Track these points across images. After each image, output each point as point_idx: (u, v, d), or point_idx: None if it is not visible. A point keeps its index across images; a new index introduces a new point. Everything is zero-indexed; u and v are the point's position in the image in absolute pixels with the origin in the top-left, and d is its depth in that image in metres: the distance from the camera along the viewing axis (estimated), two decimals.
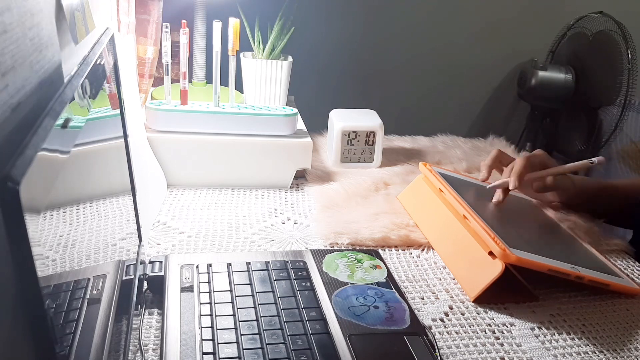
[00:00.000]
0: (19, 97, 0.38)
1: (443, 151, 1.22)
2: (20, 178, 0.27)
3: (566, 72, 1.60)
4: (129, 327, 0.57)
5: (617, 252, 0.90)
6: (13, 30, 0.38)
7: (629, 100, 1.51)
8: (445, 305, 0.72)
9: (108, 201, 0.55)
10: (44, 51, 0.45)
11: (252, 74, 1.07)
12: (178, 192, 0.95)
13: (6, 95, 0.36)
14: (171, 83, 0.96)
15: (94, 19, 0.77)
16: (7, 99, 0.36)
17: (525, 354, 0.65)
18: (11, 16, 0.38)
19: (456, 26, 1.67)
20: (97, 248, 0.48)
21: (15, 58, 0.38)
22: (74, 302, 0.39)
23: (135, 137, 0.87)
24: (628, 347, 0.68)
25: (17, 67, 0.38)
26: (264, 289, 0.68)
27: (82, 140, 0.43)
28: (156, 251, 0.78)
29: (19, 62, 0.39)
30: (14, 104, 0.37)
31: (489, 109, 1.80)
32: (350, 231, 0.85)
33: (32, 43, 0.42)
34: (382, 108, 1.18)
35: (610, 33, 1.52)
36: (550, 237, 0.88)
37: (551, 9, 1.70)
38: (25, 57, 0.40)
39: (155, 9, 1.01)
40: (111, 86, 0.59)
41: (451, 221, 0.83)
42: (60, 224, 0.37)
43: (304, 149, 0.99)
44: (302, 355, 0.59)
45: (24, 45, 0.40)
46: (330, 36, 1.57)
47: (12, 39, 0.38)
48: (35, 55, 0.43)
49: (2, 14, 0.36)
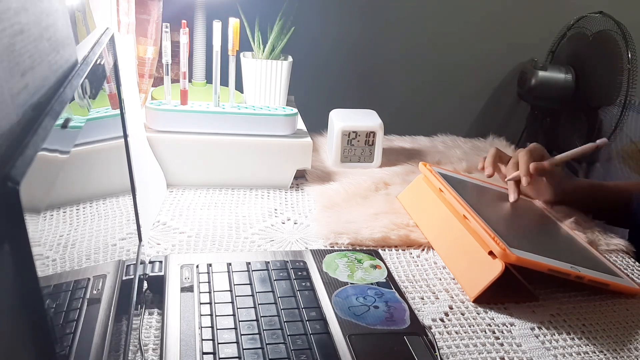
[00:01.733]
0: (38, 96, 0.38)
1: (443, 151, 1.22)
2: (20, 178, 0.27)
3: (566, 72, 1.60)
4: (129, 327, 0.57)
5: (617, 252, 0.90)
6: (30, 30, 0.38)
7: (629, 100, 1.51)
8: (445, 305, 0.72)
9: (108, 201, 0.55)
10: (61, 51, 0.45)
11: (252, 74, 1.07)
12: (178, 192, 0.95)
13: (27, 95, 0.36)
14: (171, 83, 0.96)
15: (95, 19, 0.77)
16: (27, 98, 0.36)
17: (525, 354, 0.65)
18: (27, 16, 0.38)
19: (456, 26, 1.67)
20: (97, 248, 0.48)
21: (33, 58, 0.38)
22: (74, 302, 0.39)
23: (135, 137, 0.87)
24: (628, 347, 0.68)
25: (35, 67, 0.38)
26: (264, 289, 0.68)
27: (82, 140, 0.43)
28: (156, 251, 0.78)
29: (38, 61, 0.39)
30: (34, 104, 0.37)
31: (489, 109, 1.80)
32: (350, 231, 0.85)
33: (50, 43, 0.42)
34: (382, 108, 1.18)
35: (610, 33, 1.52)
36: (550, 237, 0.88)
37: (551, 9, 1.70)
38: (44, 57, 0.40)
39: (155, 9, 1.01)
40: (111, 86, 0.59)
41: (451, 221, 0.83)
42: (60, 224, 0.37)
43: (304, 149, 0.99)
44: (302, 355, 0.59)
45: (42, 45, 0.40)
46: (330, 36, 1.57)
47: (29, 39, 0.38)
48: (54, 55, 0.43)
49: (18, 14, 0.36)
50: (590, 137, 1.59)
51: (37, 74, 0.38)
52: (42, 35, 0.41)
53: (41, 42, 0.40)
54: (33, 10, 0.39)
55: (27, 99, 0.35)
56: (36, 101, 0.37)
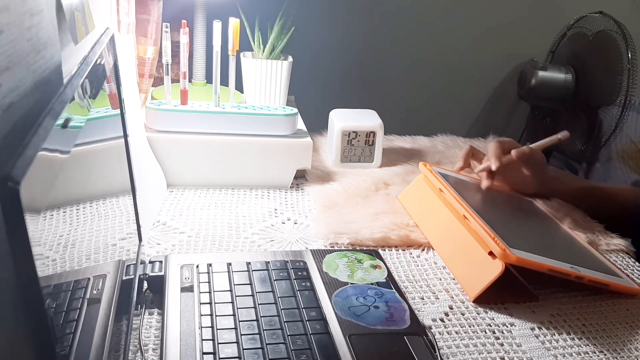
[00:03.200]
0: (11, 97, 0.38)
1: (443, 151, 1.22)
2: (21, 178, 0.27)
3: (566, 72, 1.60)
4: (129, 327, 0.57)
5: (617, 252, 0.90)
6: (9, 30, 0.38)
7: (629, 100, 1.50)
8: (445, 305, 0.72)
9: (108, 201, 0.55)
10: (42, 51, 0.45)
11: (252, 74, 1.07)
12: (178, 192, 0.95)
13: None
14: (171, 83, 0.96)
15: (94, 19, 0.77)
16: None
17: (525, 354, 0.65)
18: (8, 16, 0.38)
19: (456, 26, 1.66)
20: (97, 248, 0.48)
21: (10, 58, 0.38)
22: (74, 302, 0.39)
23: (135, 137, 0.87)
24: (628, 347, 0.68)
25: (11, 67, 0.38)
26: (264, 289, 0.68)
27: (82, 140, 0.43)
28: (156, 251, 0.78)
29: (14, 62, 0.39)
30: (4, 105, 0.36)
31: (489, 109, 1.80)
32: (350, 231, 0.85)
33: (30, 43, 0.42)
34: (382, 108, 1.18)
35: (610, 33, 1.52)
36: (550, 237, 0.88)
37: (551, 9, 1.70)
38: (22, 58, 0.40)
39: (155, 9, 1.01)
40: (111, 86, 0.59)
41: (451, 221, 0.83)
42: (60, 224, 0.37)
43: (304, 149, 0.99)
44: (302, 355, 0.59)
45: (21, 46, 0.40)
46: (330, 36, 1.57)
47: (7, 39, 0.38)
48: (33, 56, 0.43)
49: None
50: (590, 137, 1.59)
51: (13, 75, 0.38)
52: (23, 35, 0.41)
53: (20, 43, 0.40)
54: (15, 10, 0.39)
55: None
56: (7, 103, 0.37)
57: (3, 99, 0.36)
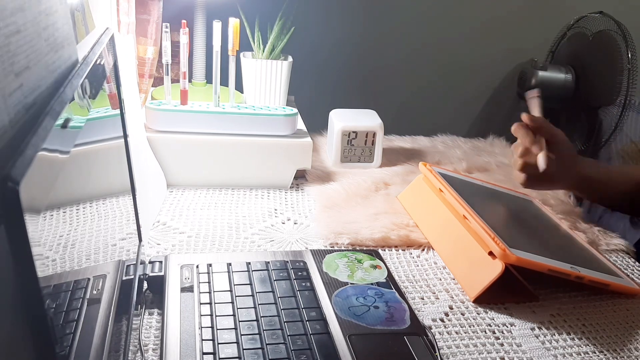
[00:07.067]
0: (34, 96, 0.38)
1: (443, 151, 1.22)
2: (20, 178, 0.27)
3: (566, 72, 1.60)
4: (129, 327, 0.57)
5: (617, 252, 0.90)
6: (27, 30, 0.38)
7: (629, 100, 1.50)
8: (445, 305, 0.72)
9: (108, 201, 0.55)
10: (60, 51, 0.45)
11: (252, 74, 1.07)
12: (178, 192, 0.95)
13: (20, 95, 0.36)
14: (171, 83, 0.96)
15: (94, 19, 0.77)
16: (21, 99, 0.36)
17: (525, 354, 0.65)
18: (24, 16, 0.38)
19: (456, 26, 1.66)
20: (97, 248, 0.48)
21: (29, 58, 0.38)
22: (74, 302, 0.39)
23: (135, 137, 0.87)
24: (628, 347, 0.68)
25: (31, 67, 0.38)
26: (264, 289, 0.68)
27: (82, 140, 0.43)
28: (156, 251, 0.78)
29: (34, 62, 0.39)
30: (28, 104, 0.37)
31: (489, 109, 1.80)
32: (350, 231, 0.85)
33: (47, 43, 0.42)
34: (382, 108, 1.18)
35: (610, 33, 1.52)
36: (550, 237, 0.88)
37: (551, 9, 1.70)
38: (40, 57, 0.40)
39: (155, 9, 1.01)
40: (111, 86, 0.59)
41: (451, 221, 0.83)
42: (60, 224, 0.37)
43: (304, 149, 0.99)
44: (302, 355, 0.59)
45: (39, 46, 0.40)
46: (330, 36, 1.56)
47: (25, 39, 0.38)
48: (51, 56, 0.43)
49: (14, 14, 0.36)
50: (590, 137, 1.59)
51: (33, 74, 0.38)
52: (40, 35, 0.41)
53: (38, 42, 0.40)
54: (31, 10, 0.39)
55: (21, 99, 0.35)
56: (31, 101, 0.37)
57: (26, 97, 0.36)
